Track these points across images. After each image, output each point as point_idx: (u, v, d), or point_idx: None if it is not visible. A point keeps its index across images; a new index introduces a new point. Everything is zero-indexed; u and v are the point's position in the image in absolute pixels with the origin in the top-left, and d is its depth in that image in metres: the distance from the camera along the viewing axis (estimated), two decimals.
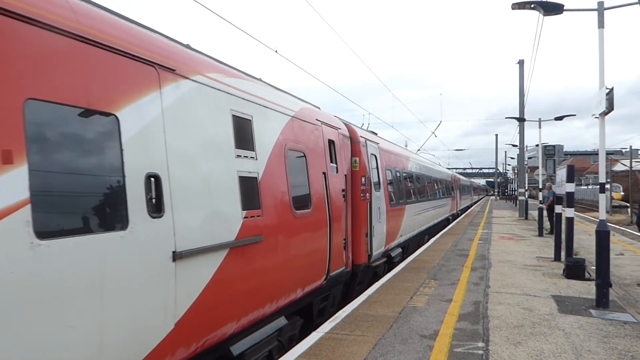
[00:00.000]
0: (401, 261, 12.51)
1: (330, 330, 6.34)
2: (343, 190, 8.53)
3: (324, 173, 7.65)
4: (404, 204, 13.78)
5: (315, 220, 7.15)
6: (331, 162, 8.15)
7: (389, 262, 11.81)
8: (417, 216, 15.85)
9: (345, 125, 9.58)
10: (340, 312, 7.32)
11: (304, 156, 7.04)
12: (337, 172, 8.35)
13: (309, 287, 7.03)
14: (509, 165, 79.60)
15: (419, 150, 35.81)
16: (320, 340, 5.96)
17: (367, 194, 9.59)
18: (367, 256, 9.66)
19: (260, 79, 6.64)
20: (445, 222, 26.17)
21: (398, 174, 13.57)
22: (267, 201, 5.74)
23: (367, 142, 10.18)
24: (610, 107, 7.69)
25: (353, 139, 9.51)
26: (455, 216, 31.67)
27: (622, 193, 51.78)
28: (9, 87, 2.96)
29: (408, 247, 14.89)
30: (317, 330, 6.41)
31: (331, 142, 8.31)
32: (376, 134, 13.39)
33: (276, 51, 10.86)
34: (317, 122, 7.79)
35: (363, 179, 9.38)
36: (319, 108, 8.64)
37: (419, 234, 16.90)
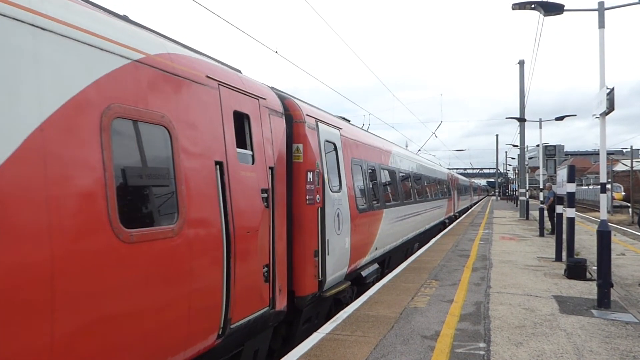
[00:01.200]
0: (378, 280, 10.31)
1: (331, 331, 6.33)
2: (264, 192, 5.69)
3: (218, 163, 4.88)
4: (381, 207, 10.91)
5: (187, 242, 4.26)
6: (241, 147, 5.40)
7: (359, 284, 9.35)
8: (400, 222, 12.97)
9: (279, 96, 6.80)
10: (342, 312, 7.31)
11: (168, 133, 4.20)
12: (253, 163, 5.55)
13: (175, 357, 4.22)
14: (509, 165, 79.65)
15: (419, 150, 35.67)
16: (321, 341, 5.96)
17: (318, 196, 7.06)
18: (318, 283, 7.05)
19: (126, 17, 4.36)
20: (441, 225, 23.93)
21: (372, 171, 10.70)
22: (20, 216, 2.90)
23: (320, 124, 7.52)
24: (611, 107, 7.69)
25: (294, 117, 6.84)
26: (452, 219, 29.27)
27: (623, 193, 51.75)
28: None
29: (390, 260, 12.25)
30: (318, 331, 6.40)
31: (242, 117, 5.52)
32: (349, 121, 10.70)
33: (276, 52, 10.87)
34: (210, 81, 4.92)
35: (310, 175, 6.86)
36: (239, 72, 5.97)
37: (405, 243, 14.17)
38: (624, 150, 68.58)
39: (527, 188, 32.56)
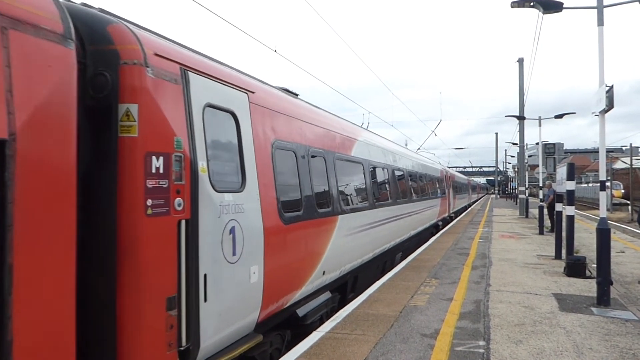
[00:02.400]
0: (335, 310, 7.78)
1: (330, 330, 6.33)
2: None
3: None
4: (333, 213, 7.72)
5: None
6: None
7: (298, 325, 6.60)
8: (368, 231, 9.68)
9: (78, 12, 3.97)
10: (341, 311, 7.31)
11: None
12: None
13: None
14: (509, 163, 79.79)
15: (418, 149, 35.53)
16: (321, 340, 5.96)
17: (179, 200, 4.20)
18: (178, 354, 4.16)
19: None
20: (433, 229, 20.97)
21: (320, 161, 7.60)
22: None
23: (195, 76, 4.61)
24: (610, 105, 7.68)
25: (121, 54, 3.96)
26: (447, 221, 25.84)
27: (623, 191, 51.87)
28: None
29: (356, 282, 9.41)
30: (318, 329, 6.40)
31: None
32: (297, 95, 7.82)
33: (275, 50, 10.86)
34: None
35: (157, 163, 4.03)
36: None
37: (381, 255, 11.15)
38: (624, 148, 68.65)
39: (527, 186, 32.57)
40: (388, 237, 11.57)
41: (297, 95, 7.80)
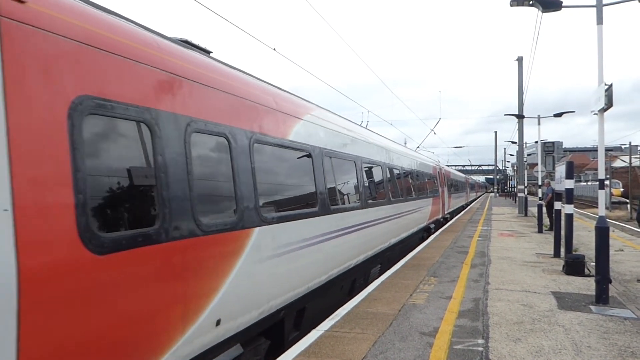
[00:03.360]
0: None
1: (329, 328, 6.34)
2: None
3: None
4: (237, 226, 4.93)
5: None
6: None
7: None
8: (316, 247, 7.01)
9: None
10: (340, 309, 7.31)
11: None
12: None
13: None
14: (508, 162, 79.85)
15: (418, 147, 35.43)
16: (319, 338, 5.96)
17: None
18: None
19: None
20: (424, 233, 18.48)
21: (209, 141, 4.79)
22: None
23: None
24: (609, 104, 7.68)
25: None
26: (440, 223, 22.95)
27: (622, 189, 51.97)
28: None
29: (303, 314, 6.93)
30: (317, 328, 6.40)
31: None
32: (209, 52, 5.59)
33: (274, 49, 10.84)
34: None
35: None
36: None
37: (342, 276, 8.41)
38: (623, 147, 68.71)
39: (526, 184, 32.59)
40: (355, 251, 9.01)
41: (209, 52, 5.58)
